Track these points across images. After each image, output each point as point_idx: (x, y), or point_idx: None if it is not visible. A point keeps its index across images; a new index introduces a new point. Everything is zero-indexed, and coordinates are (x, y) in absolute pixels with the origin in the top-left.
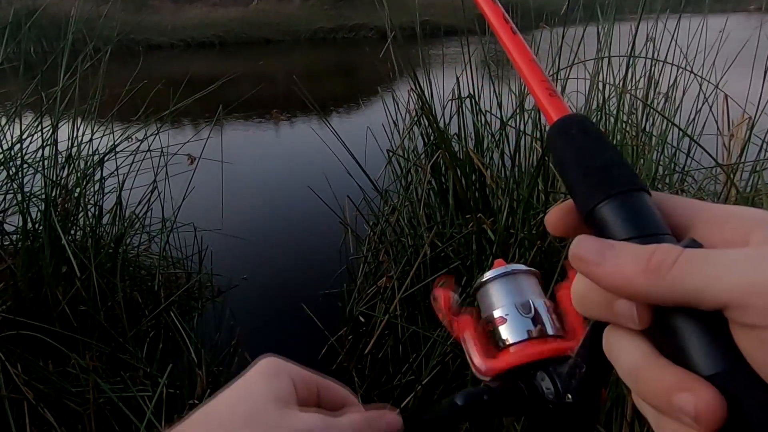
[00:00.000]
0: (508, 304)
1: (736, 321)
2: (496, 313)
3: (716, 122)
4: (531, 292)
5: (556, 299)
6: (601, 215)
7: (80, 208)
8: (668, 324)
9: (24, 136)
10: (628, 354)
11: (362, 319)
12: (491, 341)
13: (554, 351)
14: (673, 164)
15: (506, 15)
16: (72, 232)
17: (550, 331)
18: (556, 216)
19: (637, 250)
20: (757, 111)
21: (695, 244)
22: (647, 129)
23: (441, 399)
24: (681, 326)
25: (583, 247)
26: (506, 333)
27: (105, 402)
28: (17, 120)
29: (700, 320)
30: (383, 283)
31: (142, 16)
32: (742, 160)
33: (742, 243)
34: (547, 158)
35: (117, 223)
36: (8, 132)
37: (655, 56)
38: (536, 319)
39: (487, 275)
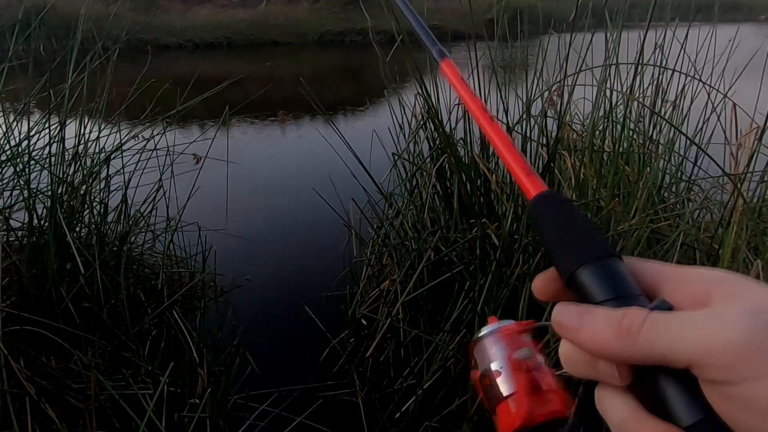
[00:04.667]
0: (502, 357)
1: (701, 377)
2: (493, 366)
3: (724, 131)
4: (523, 345)
5: None
6: (579, 280)
7: (86, 206)
8: (647, 380)
9: (31, 133)
10: (615, 410)
11: (364, 322)
12: (491, 395)
13: (553, 414)
14: (680, 173)
15: (485, 105)
16: (77, 229)
17: (542, 384)
18: (542, 283)
19: (609, 314)
20: (765, 120)
21: (665, 304)
22: (654, 137)
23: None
24: (658, 382)
25: (562, 314)
26: (503, 384)
27: (106, 399)
28: (25, 117)
29: (674, 376)
30: (386, 287)
31: (151, 16)
32: (750, 169)
33: (704, 301)
34: (552, 164)
35: (122, 221)
36: (16, 129)
37: (664, 64)
38: (529, 369)
39: (482, 332)
